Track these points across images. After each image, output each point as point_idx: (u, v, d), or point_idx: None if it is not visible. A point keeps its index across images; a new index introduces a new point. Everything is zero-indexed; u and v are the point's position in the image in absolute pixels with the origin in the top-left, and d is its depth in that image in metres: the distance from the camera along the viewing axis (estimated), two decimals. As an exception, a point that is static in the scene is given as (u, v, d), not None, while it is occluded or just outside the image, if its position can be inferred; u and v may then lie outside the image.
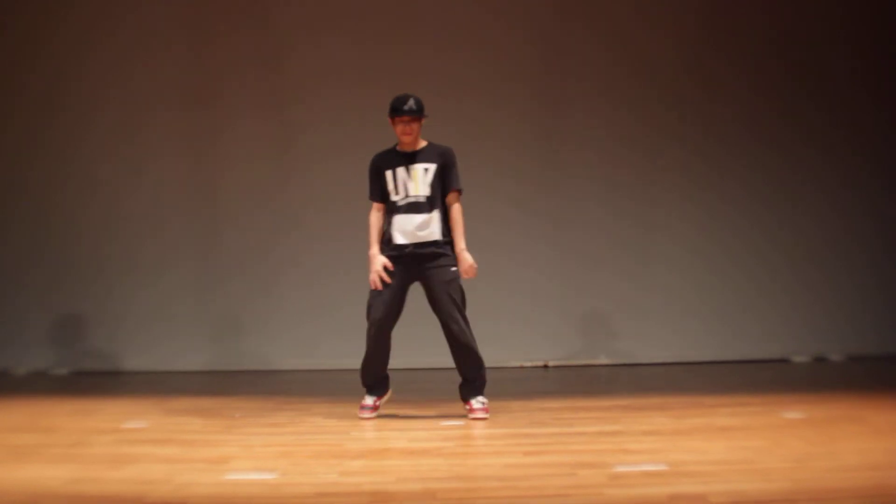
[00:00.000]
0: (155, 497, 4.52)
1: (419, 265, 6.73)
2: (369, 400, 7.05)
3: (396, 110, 6.73)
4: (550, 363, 10.38)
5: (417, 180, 6.73)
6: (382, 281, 6.75)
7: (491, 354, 6.58)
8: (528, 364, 10.38)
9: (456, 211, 6.78)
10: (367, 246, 6.85)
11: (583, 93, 10.80)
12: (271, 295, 10.73)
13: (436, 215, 6.72)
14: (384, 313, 6.81)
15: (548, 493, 4.57)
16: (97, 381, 9.93)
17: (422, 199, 6.72)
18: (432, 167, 6.75)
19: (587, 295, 10.54)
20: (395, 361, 10.42)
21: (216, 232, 10.79)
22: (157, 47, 10.85)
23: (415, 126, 6.74)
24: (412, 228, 6.71)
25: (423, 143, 6.84)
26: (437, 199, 6.75)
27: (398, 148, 6.85)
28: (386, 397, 7.14)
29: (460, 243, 6.73)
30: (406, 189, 6.74)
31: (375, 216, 6.91)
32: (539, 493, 4.55)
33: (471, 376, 6.82)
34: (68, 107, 10.83)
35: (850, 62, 10.99)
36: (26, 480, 4.94)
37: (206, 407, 7.68)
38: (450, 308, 6.70)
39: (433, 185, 6.73)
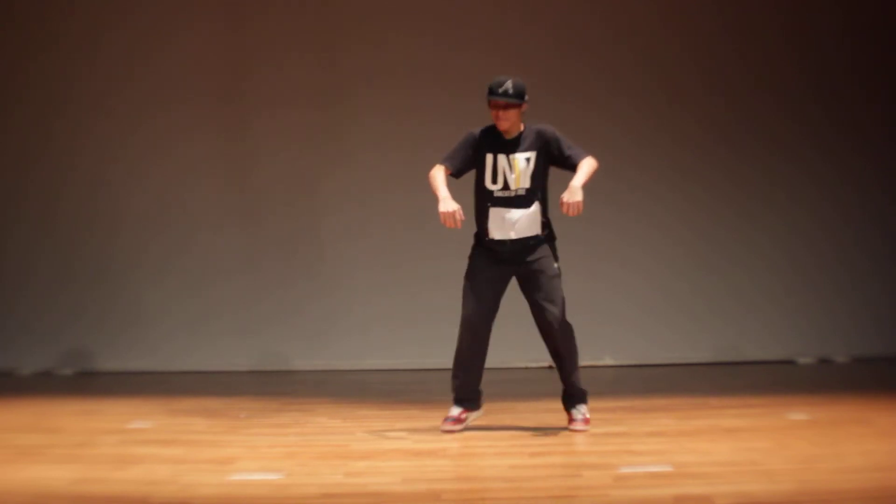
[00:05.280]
0: (160, 497, 4.53)
1: (517, 260, 6.19)
2: (455, 411, 6.29)
3: (491, 93, 6.10)
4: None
5: (519, 172, 6.12)
6: (477, 279, 6.18)
7: (495, 355, 6.53)
8: (533, 365, 10.37)
9: (588, 160, 6.15)
10: (436, 197, 6.11)
11: (592, 88, 10.79)
12: (276, 295, 10.72)
13: (536, 209, 6.15)
14: (480, 315, 6.19)
15: (553, 494, 4.57)
16: (102, 381, 9.94)
17: (522, 193, 6.14)
18: (533, 155, 6.15)
19: (591, 296, 10.52)
20: (399, 362, 10.53)
21: (221, 232, 10.78)
22: (169, 38, 10.81)
23: (511, 113, 6.11)
24: (510, 224, 6.14)
25: (521, 128, 6.22)
26: (538, 191, 6.18)
27: (498, 131, 6.22)
28: (476, 413, 6.38)
29: (578, 179, 6.05)
30: (506, 180, 6.13)
31: (441, 175, 6.18)
32: (544, 495, 4.55)
33: (573, 388, 6.31)
34: (73, 102, 10.81)
35: (854, 63, 10.98)
36: (31, 481, 4.94)
37: (211, 407, 7.69)
38: (552, 307, 6.17)
39: (534, 176, 6.13)
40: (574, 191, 6.01)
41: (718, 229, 10.90)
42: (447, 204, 6.05)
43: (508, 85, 6.10)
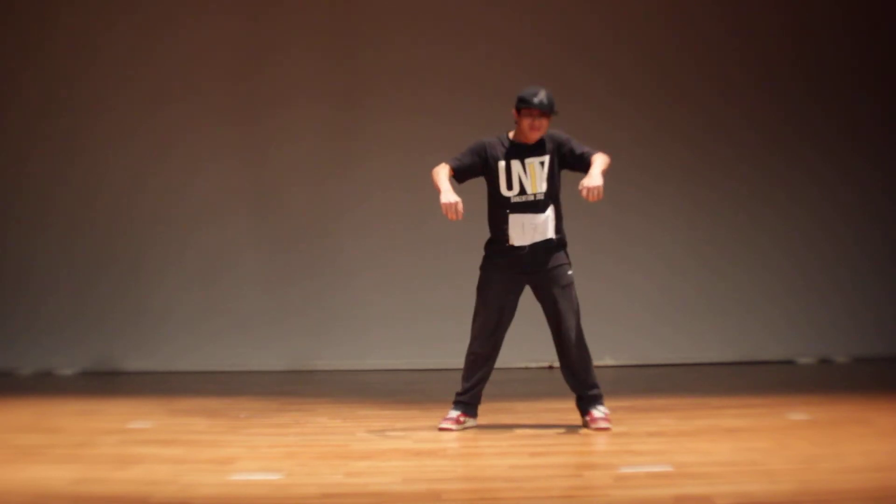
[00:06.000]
0: (160, 497, 4.52)
1: (531, 268, 6.21)
2: (454, 413, 6.32)
3: (525, 102, 6.09)
4: (555, 364, 10.36)
5: (535, 176, 6.15)
6: (492, 289, 6.23)
7: (495, 356, 6.54)
8: (533, 365, 10.38)
9: (602, 155, 6.17)
10: (437, 190, 6.07)
11: (592, 88, 10.79)
12: (276, 296, 10.73)
13: (551, 213, 6.20)
14: (491, 324, 6.23)
15: (553, 494, 4.57)
16: (102, 381, 9.94)
17: (541, 197, 6.17)
18: (546, 158, 6.17)
19: (591, 296, 10.49)
20: (399, 362, 10.53)
21: (221, 233, 10.78)
22: (174, 35, 10.80)
23: (544, 122, 6.12)
24: (531, 230, 6.17)
25: None
26: (554, 195, 6.22)
27: (512, 138, 6.24)
28: (472, 421, 6.36)
29: (597, 168, 6.06)
30: (522, 185, 6.15)
31: (444, 172, 6.15)
32: (544, 495, 4.55)
33: (586, 393, 6.33)
34: (74, 99, 10.81)
35: (854, 63, 10.98)
36: (31, 481, 4.94)
37: (211, 407, 7.68)
38: (567, 317, 6.21)
39: (550, 179, 6.17)
40: (594, 177, 6.03)
41: (719, 229, 10.91)
42: (448, 196, 6.05)
43: (543, 95, 6.10)
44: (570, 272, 6.29)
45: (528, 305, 6.40)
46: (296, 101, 10.83)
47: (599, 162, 6.14)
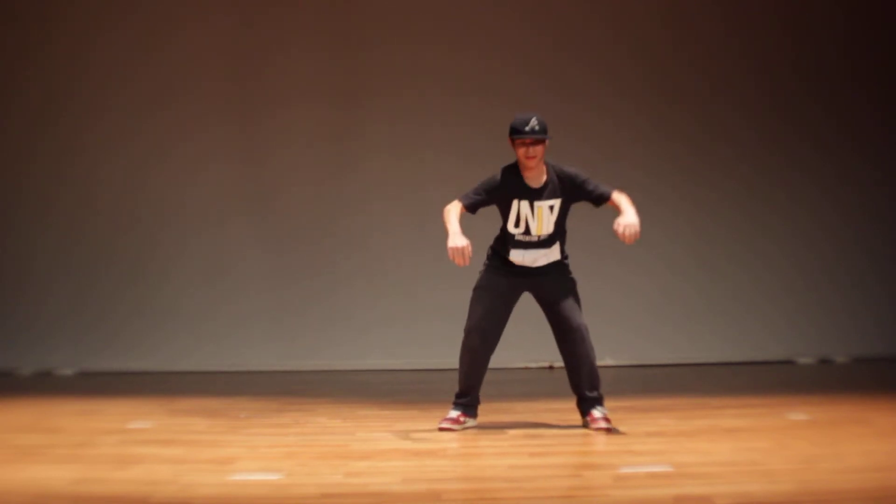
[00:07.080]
0: (160, 497, 4.53)
1: (533, 277, 6.24)
2: (453, 413, 6.34)
3: (518, 132, 6.03)
4: (555, 364, 10.37)
5: (542, 220, 6.14)
6: (488, 289, 6.24)
7: (495, 356, 6.54)
8: (533, 365, 10.38)
9: (622, 195, 6.13)
10: (446, 231, 5.97)
11: (592, 88, 10.79)
12: (276, 296, 10.73)
13: (556, 248, 6.22)
14: (486, 323, 6.22)
15: (553, 494, 4.57)
16: (102, 381, 9.94)
17: (544, 238, 6.18)
18: (557, 203, 6.14)
19: (592, 296, 10.49)
20: (399, 362, 10.53)
21: (221, 233, 10.79)
22: (176, 34, 10.81)
23: (539, 149, 6.04)
24: (531, 259, 6.20)
25: (543, 171, 6.16)
26: (559, 233, 6.23)
27: (523, 174, 6.14)
28: (472, 422, 6.38)
29: (631, 210, 6.00)
30: (528, 226, 6.14)
31: (455, 210, 6.08)
32: (544, 495, 4.55)
33: (589, 394, 6.31)
34: (74, 98, 10.81)
35: (854, 63, 10.99)
36: (31, 481, 4.94)
37: (211, 407, 7.68)
38: (574, 314, 6.21)
39: (558, 222, 6.17)
40: (630, 215, 5.97)
41: (718, 229, 10.91)
42: (456, 239, 5.93)
43: (534, 122, 6.04)
44: (571, 275, 6.30)
45: (528, 305, 6.40)
46: (296, 102, 10.84)
47: (628, 202, 6.08)
